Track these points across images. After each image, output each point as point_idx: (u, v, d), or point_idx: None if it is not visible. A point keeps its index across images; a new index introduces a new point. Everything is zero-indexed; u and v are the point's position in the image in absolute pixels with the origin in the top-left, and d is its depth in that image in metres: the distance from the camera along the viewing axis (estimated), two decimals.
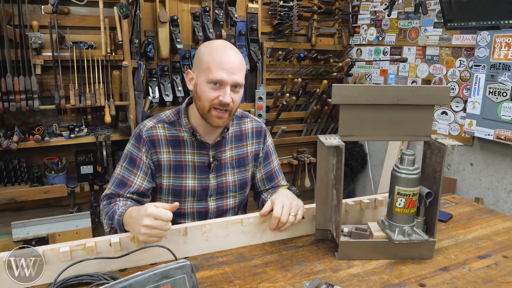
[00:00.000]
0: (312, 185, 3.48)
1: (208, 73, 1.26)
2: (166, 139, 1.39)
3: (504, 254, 1.21)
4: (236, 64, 1.28)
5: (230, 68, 1.26)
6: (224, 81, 1.26)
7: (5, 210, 2.54)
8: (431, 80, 2.83)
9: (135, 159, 1.37)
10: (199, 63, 1.31)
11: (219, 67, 1.25)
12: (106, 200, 1.36)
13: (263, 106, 3.07)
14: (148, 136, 1.37)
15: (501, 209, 2.45)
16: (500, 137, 2.30)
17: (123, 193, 1.34)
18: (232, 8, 2.77)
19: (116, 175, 1.38)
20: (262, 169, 1.54)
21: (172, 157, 1.39)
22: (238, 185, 1.47)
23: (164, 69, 2.71)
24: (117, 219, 1.20)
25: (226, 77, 1.26)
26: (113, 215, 1.24)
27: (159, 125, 1.40)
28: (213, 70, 1.25)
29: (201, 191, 1.42)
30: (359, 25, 3.43)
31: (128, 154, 1.39)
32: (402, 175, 1.12)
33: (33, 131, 2.40)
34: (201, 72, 1.29)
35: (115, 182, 1.37)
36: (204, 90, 1.28)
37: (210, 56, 1.27)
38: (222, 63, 1.26)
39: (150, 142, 1.37)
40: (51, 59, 2.38)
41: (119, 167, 1.39)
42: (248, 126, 1.51)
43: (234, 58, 1.28)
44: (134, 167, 1.37)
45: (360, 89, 1.11)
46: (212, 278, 1.06)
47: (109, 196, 1.36)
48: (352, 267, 1.13)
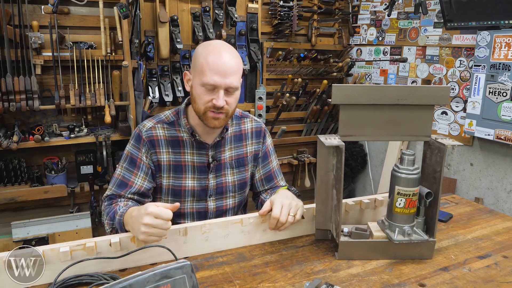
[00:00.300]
0: (312, 185, 3.48)
1: (202, 76, 1.26)
2: (165, 139, 1.39)
3: (504, 254, 1.21)
4: (231, 68, 1.26)
5: (224, 71, 1.25)
6: (217, 85, 1.25)
7: (5, 210, 2.54)
8: (431, 80, 2.83)
9: (135, 159, 1.37)
10: (195, 65, 1.31)
11: (213, 70, 1.24)
12: (107, 201, 1.36)
13: (263, 106, 3.07)
14: (147, 137, 1.38)
15: (501, 209, 2.45)
16: (500, 137, 2.30)
17: (124, 193, 1.35)
18: (232, 8, 2.77)
19: (117, 176, 1.38)
20: (261, 169, 1.54)
21: (172, 157, 1.39)
22: (237, 185, 1.47)
23: (164, 69, 2.71)
24: (118, 219, 1.20)
25: (219, 81, 1.25)
26: (114, 216, 1.24)
27: (159, 126, 1.40)
28: (207, 73, 1.25)
29: (201, 191, 1.42)
30: (359, 25, 3.43)
31: (128, 155, 1.39)
32: (402, 175, 1.12)
33: (33, 131, 2.40)
34: (196, 74, 1.29)
35: (116, 183, 1.37)
36: (199, 93, 1.29)
37: (204, 59, 1.26)
38: (216, 66, 1.24)
39: (150, 143, 1.37)
40: (51, 59, 2.38)
41: (120, 167, 1.39)
42: (247, 126, 1.51)
43: (229, 61, 1.26)
44: (134, 168, 1.37)
45: (360, 89, 1.11)
46: (212, 278, 1.06)
47: (110, 197, 1.36)
48: (352, 267, 1.13)
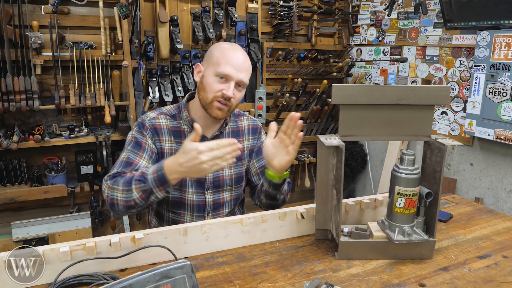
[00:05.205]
0: (312, 185, 3.48)
1: (217, 66, 1.35)
2: (168, 129, 1.44)
3: (504, 254, 1.21)
4: (244, 64, 1.37)
5: (238, 66, 1.35)
6: (230, 76, 1.34)
7: (5, 210, 2.54)
8: (431, 80, 2.83)
9: (141, 142, 1.40)
10: (210, 58, 1.39)
11: (228, 62, 1.34)
12: (111, 179, 1.30)
13: (263, 106, 3.07)
14: (151, 125, 1.42)
15: (501, 209, 2.45)
16: (500, 137, 2.30)
17: (129, 172, 1.31)
18: (232, 8, 2.77)
19: (121, 159, 1.37)
20: (256, 163, 1.56)
21: (174, 146, 1.43)
22: (234, 179, 1.51)
23: (164, 69, 2.71)
24: (155, 176, 1.17)
25: (233, 73, 1.34)
26: (132, 180, 1.21)
27: (161, 116, 1.46)
28: (222, 64, 1.34)
29: (198, 183, 1.45)
30: (359, 25, 3.43)
31: (132, 139, 1.41)
32: (402, 175, 1.12)
33: (33, 131, 2.40)
34: (210, 65, 1.37)
35: (122, 164, 1.34)
36: (210, 81, 1.36)
37: (221, 52, 1.36)
38: (231, 59, 1.34)
39: (154, 130, 1.42)
40: (51, 59, 2.38)
41: (125, 151, 1.39)
42: (244, 123, 1.57)
43: (242, 58, 1.37)
44: (140, 150, 1.38)
45: (360, 89, 1.11)
46: (212, 278, 1.06)
47: (114, 175, 1.31)
48: (352, 267, 1.13)
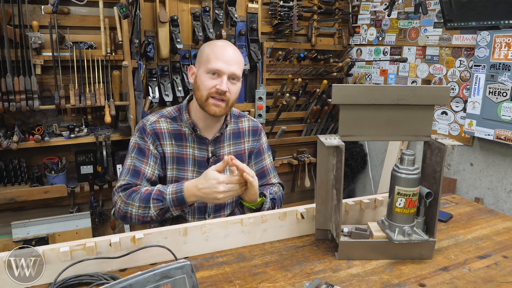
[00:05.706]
0: (312, 185, 3.47)
1: (207, 64, 1.38)
2: (169, 132, 1.44)
3: (504, 254, 1.21)
4: (234, 58, 1.39)
5: (228, 59, 1.37)
6: (222, 71, 1.37)
7: (5, 210, 2.54)
8: (431, 80, 2.83)
9: (143, 149, 1.41)
10: (200, 57, 1.43)
11: (218, 58, 1.37)
12: (122, 191, 1.35)
13: (263, 106, 3.07)
14: (152, 129, 1.43)
15: (501, 209, 2.45)
16: (500, 137, 2.30)
17: (140, 182, 1.36)
18: (232, 8, 2.77)
19: (128, 166, 1.39)
20: (254, 165, 1.57)
21: (175, 149, 1.44)
22: None
23: (164, 69, 2.71)
24: (173, 197, 1.27)
25: (224, 67, 1.36)
26: (152, 198, 1.28)
27: (162, 119, 1.46)
28: (212, 60, 1.37)
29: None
30: (359, 25, 3.43)
31: (135, 146, 1.42)
32: (402, 175, 1.12)
33: (33, 131, 2.40)
34: (202, 64, 1.41)
35: (129, 173, 1.38)
36: (203, 79, 1.39)
37: (210, 50, 1.40)
38: (221, 54, 1.37)
39: (155, 135, 1.42)
40: (51, 59, 2.38)
41: (129, 158, 1.41)
42: (245, 124, 1.58)
43: (232, 52, 1.40)
44: (144, 157, 1.40)
45: (360, 89, 1.11)
46: (212, 278, 1.06)
47: (125, 186, 1.36)
48: (352, 267, 1.13)
